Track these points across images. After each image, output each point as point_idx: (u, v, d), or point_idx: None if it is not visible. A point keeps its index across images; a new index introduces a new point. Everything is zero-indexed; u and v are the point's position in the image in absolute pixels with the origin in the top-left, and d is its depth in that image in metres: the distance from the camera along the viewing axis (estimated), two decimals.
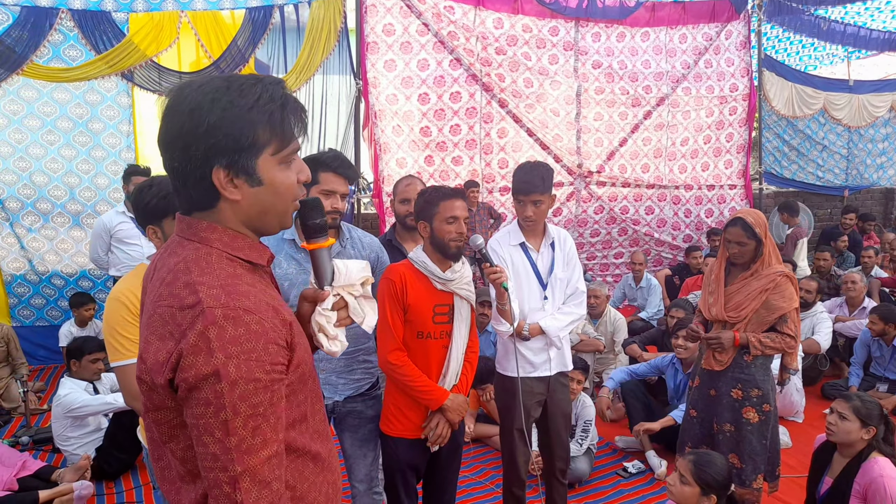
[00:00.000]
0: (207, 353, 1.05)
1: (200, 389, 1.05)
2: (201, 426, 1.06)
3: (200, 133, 1.09)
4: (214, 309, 1.07)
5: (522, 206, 2.93)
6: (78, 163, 6.12)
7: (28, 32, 5.58)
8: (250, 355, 1.07)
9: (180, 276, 1.12)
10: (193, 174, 1.12)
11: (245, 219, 1.19)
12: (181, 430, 1.13)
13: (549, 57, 7.54)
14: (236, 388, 1.05)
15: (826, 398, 5.16)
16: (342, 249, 2.56)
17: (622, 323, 5.52)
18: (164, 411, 1.13)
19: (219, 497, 1.08)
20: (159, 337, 1.09)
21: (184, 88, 1.13)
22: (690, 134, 8.34)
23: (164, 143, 1.13)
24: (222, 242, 1.17)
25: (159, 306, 1.11)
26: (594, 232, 8.19)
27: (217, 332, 1.05)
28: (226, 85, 1.12)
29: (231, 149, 1.11)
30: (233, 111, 1.10)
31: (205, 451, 1.07)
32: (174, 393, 1.09)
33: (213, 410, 1.05)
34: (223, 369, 1.04)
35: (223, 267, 1.14)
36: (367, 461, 2.68)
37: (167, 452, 1.17)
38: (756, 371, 3.09)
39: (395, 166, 6.99)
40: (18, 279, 6.13)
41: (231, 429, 1.06)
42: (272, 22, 6.30)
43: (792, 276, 3.09)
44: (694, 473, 2.64)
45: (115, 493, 3.90)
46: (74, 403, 3.95)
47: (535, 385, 3.01)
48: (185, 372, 1.05)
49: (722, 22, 8.21)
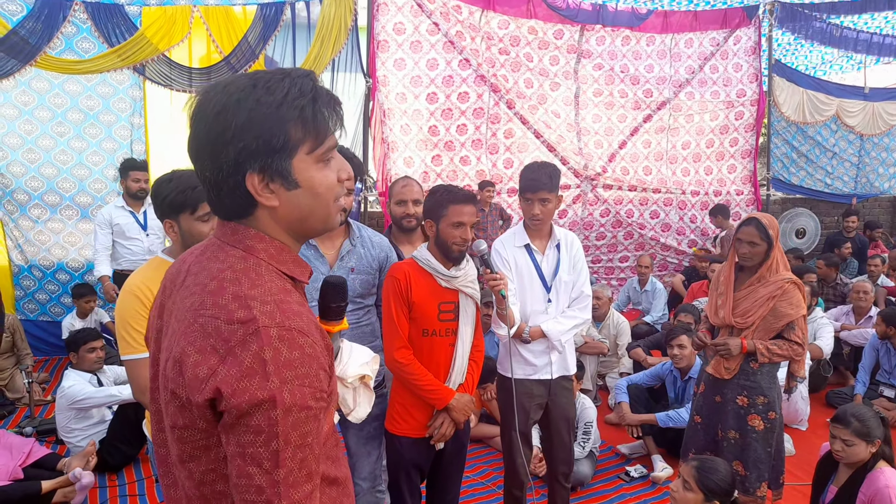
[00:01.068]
0: (262, 376, 0.96)
1: (252, 416, 0.96)
2: (248, 455, 0.97)
3: (229, 137, 1.01)
4: (270, 329, 0.98)
5: (529, 204, 2.91)
6: (88, 154, 6.15)
7: (42, 24, 5.61)
8: (304, 381, 0.99)
9: (227, 285, 1.03)
10: (227, 182, 1.04)
11: (286, 226, 1.10)
12: (205, 452, 1.05)
13: (550, 58, 7.55)
14: (290, 416, 0.97)
15: (830, 406, 5.14)
16: (352, 248, 2.57)
17: (625, 326, 5.51)
18: (191, 430, 1.03)
19: None
20: (199, 350, 0.99)
21: (209, 91, 1.06)
22: (692, 138, 8.34)
23: (193, 152, 1.06)
24: (268, 254, 1.08)
25: (201, 315, 1.01)
26: (600, 235, 8.18)
27: (272, 354, 0.97)
28: (251, 83, 1.03)
29: (263, 151, 1.03)
30: (260, 110, 1.01)
31: (248, 482, 0.98)
32: (212, 414, 1.00)
33: (263, 439, 0.96)
34: (279, 395, 0.96)
35: (273, 281, 1.06)
36: (371, 459, 2.69)
37: (182, 472, 1.09)
38: (762, 378, 3.08)
39: (402, 165, 7.00)
40: (25, 272, 6.16)
41: (281, 460, 0.97)
42: (283, 18, 6.32)
43: (800, 282, 3.08)
44: (698, 480, 2.64)
45: (118, 486, 3.92)
46: (79, 395, 3.96)
47: (535, 388, 3.00)
48: (238, 397, 0.96)
49: (732, 27, 8.19)
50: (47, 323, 6.23)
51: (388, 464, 2.71)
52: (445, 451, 2.69)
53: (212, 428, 1.02)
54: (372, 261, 2.61)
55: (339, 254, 2.53)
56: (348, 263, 2.55)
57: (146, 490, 3.85)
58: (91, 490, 3.76)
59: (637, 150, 8.16)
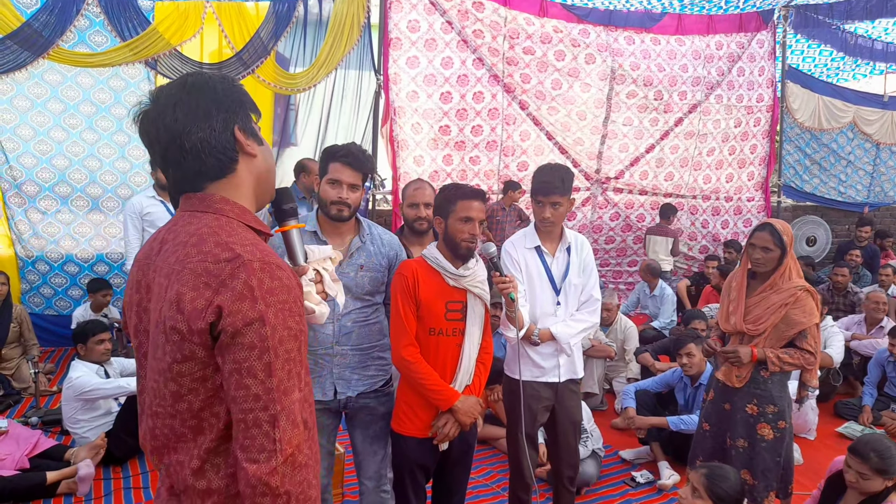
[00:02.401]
0: (252, 300, 1.14)
1: (245, 334, 1.14)
2: (244, 369, 1.14)
3: (216, 100, 1.27)
4: (253, 262, 1.17)
5: (541, 207, 2.89)
6: (99, 147, 6.17)
7: (55, 17, 5.62)
8: (284, 305, 1.18)
9: (207, 238, 1.21)
10: (219, 139, 1.27)
11: (256, 180, 1.34)
12: (202, 384, 1.20)
13: (585, 56, 7.44)
14: (276, 333, 1.16)
15: (839, 416, 5.10)
16: (362, 245, 2.56)
17: (633, 331, 5.48)
18: (190, 363, 1.18)
19: (257, 436, 1.14)
20: (193, 288, 1.16)
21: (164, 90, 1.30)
22: (717, 144, 8.25)
23: (179, 125, 1.25)
24: (235, 213, 1.28)
25: (189, 263, 1.18)
26: (609, 238, 8.15)
27: (258, 281, 1.16)
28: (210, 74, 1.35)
29: (239, 111, 1.30)
30: (228, 85, 1.31)
31: (246, 392, 1.14)
32: (210, 340, 1.16)
33: (257, 353, 1.14)
34: (266, 315, 1.15)
35: (246, 232, 1.27)
36: (376, 458, 2.67)
37: (181, 408, 1.22)
38: (773, 387, 3.04)
39: (412, 164, 6.99)
40: (29, 266, 6.16)
41: (273, 370, 1.15)
42: (295, 15, 6.31)
43: (813, 290, 3.04)
44: (706, 487, 2.61)
45: (122, 478, 3.92)
46: (86, 386, 3.96)
47: (542, 390, 2.98)
48: (232, 317, 1.14)
49: (751, 32, 8.13)
50: (53, 316, 6.25)
51: (393, 463, 2.69)
52: (452, 453, 2.67)
53: (209, 356, 1.18)
54: (381, 258, 2.59)
55: (349, 250, 2.52)
56: (357, 260, 2.53)
57: (150, 483, 3.85)
58: (95, 481, 3.78)
59: (664, 154, 8.07)
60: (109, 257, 6.34)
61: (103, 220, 6.26)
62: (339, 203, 2.44)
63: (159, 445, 1.27)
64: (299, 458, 1.17)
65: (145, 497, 3.73)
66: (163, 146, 1.27)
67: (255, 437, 1.14)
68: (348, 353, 2.54)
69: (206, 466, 1.22)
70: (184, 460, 1.24)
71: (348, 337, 2.53)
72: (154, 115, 1.27)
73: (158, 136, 1.26)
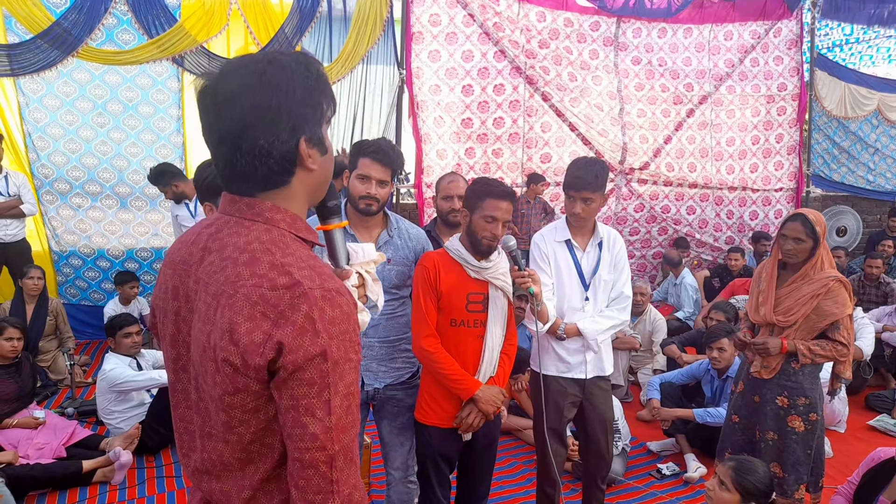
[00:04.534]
0: (314, 334, 1.06)
1: (305, 370, 1.06)
2: (302, 406, 1.07)
3: (292, 104, 1.13)
4: (314, 290, 1.08)
5: (572, 202, 2.86)
6: (127, 146, 6.26)
7: (84, 16, 5.71)
8: (345, 336, 1.10)
9: (260, 256, 1.10)
10: (281, 148, 1.14)
11: (310, 191, 1.22)
12: (255, 415, 1.12)
13: (589, 52, 7.46)
14: (337, 368, 1.08)
15: (870, 409, 5.02)
16: (389, 239, 2.58)
17: (662, 323, 5.44)
18: (242, 395, 1.11)
19: (312, 477, 1.08)
20: (249, 318, 1.06)
21: (236, 68, 1.13)
22: (735, 134, 8.16)
23: (237, 126, 1.11)
24: (286, 223, 1.17)
25: (242, 286, 1.08)
26: (633, 230, 8.08)
27: (319, 313, 1.07)
28: (294, 60, 1.16)
29: (312, 119, 1.16)
30: (308, 84, 1.15)
31: (303, 431, 1.07)
32: (267, 375, 1.08)
33: (316, 390, 1.07)
34: (328, 350, 1.07)
35: (300, 248, 1.16)
36: (403, 449, 2.70)
37: (230, 439, 1.15)
38: (804, 379, 3.00)
39: (435, 157, 7.00)
40: (63, 259, 6.31)
41: (332, 408, 1.08)
42: (319, 10, 6.34)
43: (846, 281, 2.99)
44: (735, 480, 2.59)
45: (155, 468, 4.01)
46: (119, 378, 4.06)
47: (568, 386, 2.97)
48: (294, 353, 1.05)
49: (773, 19, 7.98)
50: (88, 307, 6.39)
51: (417, 453, 2.71)
52: (476, 444, 2.68)
53: (263, 389, 1.10)
54: (408, 252, 2.62)
55: (377, 244, 2.54)
56: (385, 254, 2.55)
57: (182, 472, 3.93)
58: (129, 471, 3.87)
59: (682, 145, 8.01)
60: (139, 255, 6.46)
61: (132, 219, 6.37)
62: (368, 198, 2.47)
63: (204, 470, 1.22)
64: (356, 496, 1.11)
65: (177, 486, 3.82)
66: (219, 136, 1.14)
67: (311, 479, 1.08)
68: (375, 346, 2.58)
69: (258, 495, 1.16)
70: (230, 490, 1.18)
71: (375, 329, 2.56)
72: (220, 100, 1.12)
73: (217, 124, 1.13)
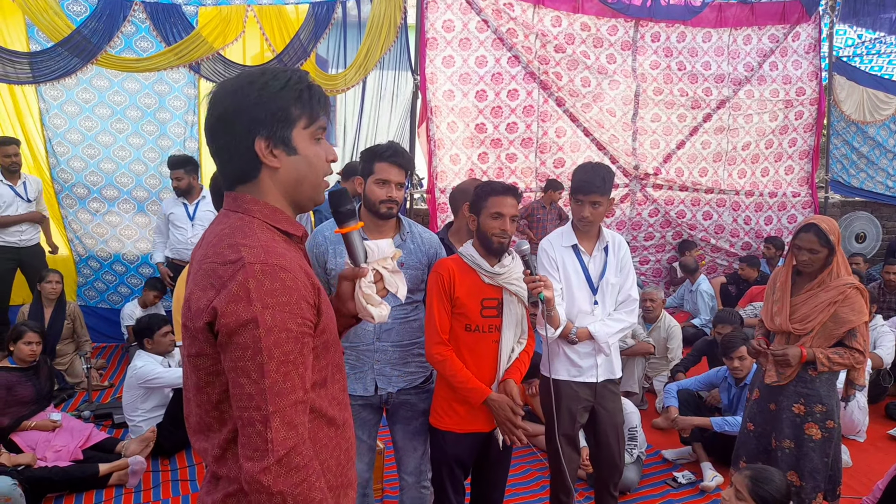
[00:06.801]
0: (247, 301, 1.17)
1: (239, 334, 1.17)
2: (238, 368, 1.18)
3: (242, 109, 1.27)
4: (254, 264, 1.20)
5: (580, 205, 2.87)
6: (145, 151, 6.34)
7: (103, 24, 5.80)
8: (284, 307, 1.20)
9: (224, 238, 1.26)
10: (238, 147, 1.29)
11: (283, 188, 1.33)
12: (217, 377, 1.25)
13: (606, 56, 7.44)
14: (271, 334, 1.18)
15: (890, 418, 4.94)
16: (402, 243, 2.59)
17: (677, 330, 5.39)
18: (202, 357, 1.24)
19: (251, 435, 1.18)
20: (202, 288, 1.23)
21: (225, 81, 1.34)
22: (753, 138, 8.08)
23: (209, 128, 1.31)
24: (263, 213, 1.31)
25: (204, 263, 1.25)
26: (648, 235, 8.03)
27: (255, 284, 1.18)
28: (261, 71, 1.31)
29: (268, 121, 1.28)
30: (268, 91, 1.28)
31: (240, 391, 1.19)
32: (212, 337, 1.21)
33: (250, 354, 1.17)
34: (260, 317, 1.17)
35: (263, 233, 1.28)
36: (417, 454, 2.70)
37: (202, 399, 1.28)
38: (821, 386, 2.97)
39: (448, 163, 7.01)
40: (83, 262, 6.39)
41: (265, 371, 1.17)
42: (334, 17, 6.38)
43: (863, 287, 2.95)
44: (750, 489, 2.56)
45: (171, 470, 4.04)
46: (150, 374, 4.13)
47: (580, 390, 2.96)
48: (226, 318, 1.17)
49: (791, 24, 7.92)
50: (106, 310, 6.46)
51: (431, 458, 2.72)
52: (491, 450, 2.68)
53: (217, 352, 1.22)
54: (421, 256, 2.63)
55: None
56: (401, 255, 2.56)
57: (197, 475, 3.96)
58: (144, 474, 3.90)
59: (696, 150, 7.96)
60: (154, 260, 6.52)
61: (148, 223, 6.44)
62: (389, 201, 2.49)
63: (193, 430, 1.34)
64: (295, 460, 1.19)
65: (192, 489, 3.84)
66: (206, 137, 1.35)
67: (250, 436, 1.18)
68: (389, 350, 2.58)
69: (227, 454, 1.27)
70: (207, 448, 1.30)
71: (389, 333, 2.57)
72: (207, 106, 1.33)
73: (206, 126, 1.33)
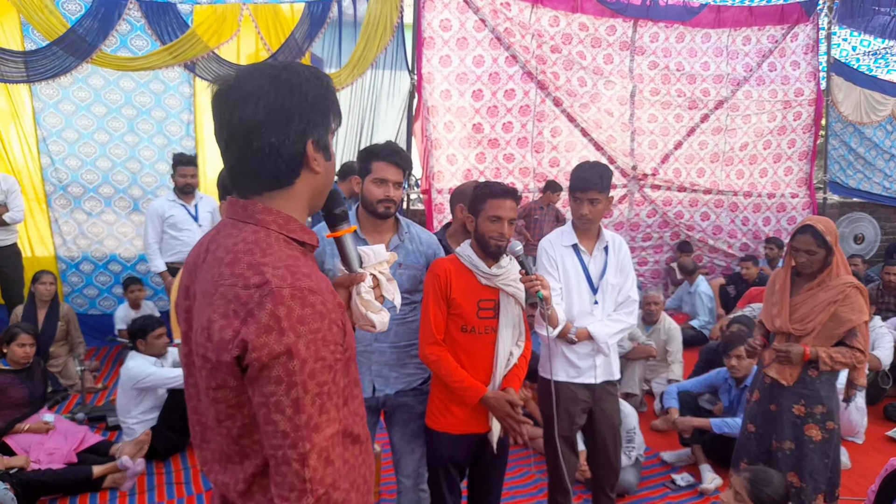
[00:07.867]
0: (279, 332, 1.07)
1: (272, 368, 1.08)
2: (272, 404, 1.09)
3: (304, 107, 1.18)
4: (283, 289, 1.09)
5: (579, 203, 2.86)
6: (140, 149, 6.31)
7: (98, 22, 5.77)
8: (317, 334, 1.10)
9: (242, 256, 1.14)
10: (290, 148, 1.19)
11: (311, 195, 1.27)
12: (238, 410, 1.15)
13: (604, 56, 7.43)
14: (306, 366, 1.09)
15: (889, 419, 4.93)
16: (400, 244, 2.56)
17: (676, 332, 5.37)
18: (224, 390, 1.14)
19: (286, 474, 1.10)
20: (222, 315, 1.11)
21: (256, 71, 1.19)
22: (750, 139, 8.09)
23: (257, 121, 1.16)
24: (277, 224, 1.21)
25: (221, 285, 1.13)
26: (646, 236, 8.02)
27: (286, 311, 1.08)
28: (304, 69, 1.22)
29: (321, 125, 1.22)
30: (320, 92, 1.21)
31: (274, 428, 1.09)
32: (240, 371, 1.11)
33: (284, 388, 1.08)
34: (294, 348, 1.08)
35: (283, 248, 1.18)
36: (414, 456, 2.67)
37: (222, 432, 1.19)
38: (821, 387, 2.95)
39: (445, 162, 6.99)
40: (73, 268, 6.29)
41: (301, 406, 1.09)
42: (330, 16, 6.36)
43: (862, 287, 2.94)
44: (750, 492, 2.55)
45: (165, 473, 4.00)
46: (141, 375, 4.07)
47: (579, 391, 2.94)
48: (258, 351, 1.07)
49: (790, 24, 7.92)
50: (97, 316, 6.39)
51: (427, 460, 2.69)
52: (487, 451, 2.65)
53: (242, 385, 1.13)
54: (420, 256, 2.60)
55: (388, 248, 2.52)
56: (397, 259, 2.53)
57: (192, 478, 3.92)
58: (139, 477, 3.86)
59: (693, 151, 7.96)
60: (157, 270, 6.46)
61: (143, 221, 6.39)
62: (387, 201, 2.46)
63: (208, 459, 1.25)
64: (334, 496, 1.12)
65: (187, 492, 3.80)
66: (230, 134, 1.18)
67: (286, 475, 1.10)
68: (387, 351, 2.56)
69: (253, 489, 1.19)
70: (229, 482, 1.21)
71: (387, 334, 2.54)
72: (234, 99, 1.16)
73: (230, 122, 1.17)
